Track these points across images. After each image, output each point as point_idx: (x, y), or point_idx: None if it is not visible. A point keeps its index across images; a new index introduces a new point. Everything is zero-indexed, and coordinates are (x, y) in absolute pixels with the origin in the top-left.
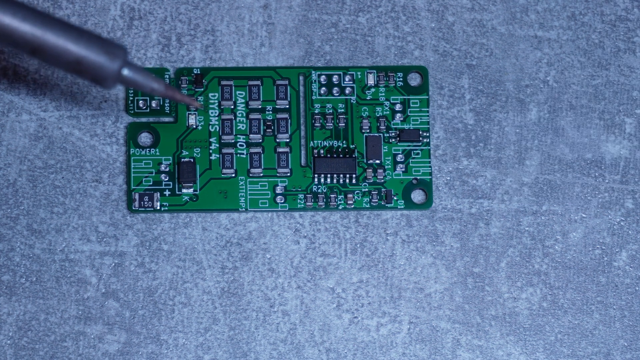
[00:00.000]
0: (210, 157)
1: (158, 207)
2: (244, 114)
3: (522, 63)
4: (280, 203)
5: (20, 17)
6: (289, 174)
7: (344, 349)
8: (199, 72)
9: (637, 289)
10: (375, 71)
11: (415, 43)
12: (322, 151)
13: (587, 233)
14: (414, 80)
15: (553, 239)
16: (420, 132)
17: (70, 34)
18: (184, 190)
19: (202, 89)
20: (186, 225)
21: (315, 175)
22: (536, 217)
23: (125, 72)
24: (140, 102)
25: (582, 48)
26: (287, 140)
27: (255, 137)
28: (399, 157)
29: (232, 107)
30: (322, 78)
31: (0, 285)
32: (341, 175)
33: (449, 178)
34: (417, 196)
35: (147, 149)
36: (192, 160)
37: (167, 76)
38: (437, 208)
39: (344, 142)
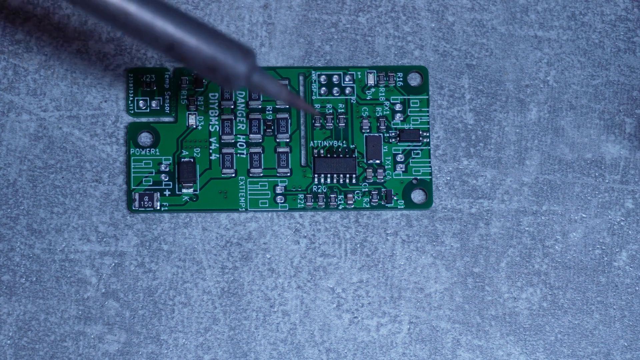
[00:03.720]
0: (210, 157)
1: (158, 207)
2: (244, 114)
3: (522, 63)
4: (280, 203)
5: (164, 12)
6: (289, 174)
7: (344, 349)
8: None
9: (637, 289)
10: (375, 71)
11: (415, 43)
12: (322, 151)
13: (587, 233)
14: (414, 80)
15: (553, 239)
16: (420, 132)
17: (208, 33)
18: (184, 190)
19: (202, 89)
20: (186, 225)
21: (315, 175)
22: (536, 217)
23: (255, 75)
24: (141, 102)
25: (582, 48)
26: (287, 140)
27: (255, 137)
28: (399, 157)
29: (232, 107)
30: (322, 78)
31: (0, 285)
32: (341, 175)
33: (449, 178)
34: (417, 196)
35: (147, 149)
36: (192, 160)
37: (167, 76)
38: (437, 208)
39: (344, 142)
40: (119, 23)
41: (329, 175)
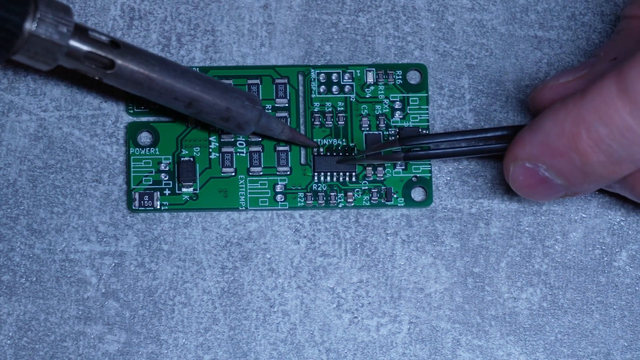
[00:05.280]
0: (210, 156)
1: (158, 207)
2: None
3: (522, 63)
4: (280, 202)
5: (181, 75)
6: (288, 173)
7: (344, 349)
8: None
9: (637, 289)
10: (374, 69)
11: (415, 43)
12: (321, 149)
13: (587, 233)
14: (414, 78)
15: (553, 239)
16: (420, 130)
17: (220, 88)
18: (184, 189)
19: None
20: (186, 225)
21: (315, 174)
22: (536, 217)
23: (263, 119)
24: (141, 101)
25: (582, 48)
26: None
27: (255, 136)
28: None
29: None
30: (322, 76)
31: (0, 285)
32: (341, 174)
33: (449, 178)
34: (417, 194)
35: (147, 148)
36: (191, 159)
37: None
38: (437, 208)
39: (344, 140)
40: (143, 87)
41: (328, 174)
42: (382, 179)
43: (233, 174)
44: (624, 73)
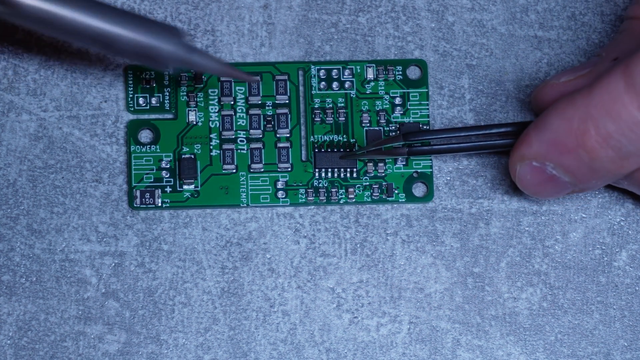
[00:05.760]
0: (211, 153)
1: (159, 204)
2: (244, 110)
3: (522, 63)
4: (282, 198)
5: (97, 12)
6: (289, 169)
7: (344, 349)
8: None
9: (637, 289)
10: (374, 65)
11: (415, 43)
12: (322, 146)
13: (587, 233)
14: (414, 73)
15: (553, 239)
16: (421, 126)
17: (136, 22)
18: (185, 187)
19: (202, 85)
20: (186, 225)
21: (316, 170)
22: (536, 217)
23: (188, 53)
24: (140, 99)
25: (582, 48)
26: (288, 135)
27: (256, 133)
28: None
29: (232, 102)
30: (322, 72)
31: (0, 285)
32: (342, 170)
33: (449, 178)
34: (418, 190)
35: (148, 146)
36: (192, 156)
37: (167, 73)
38: (437, 208)
39: (345, 136)
40: (51, 27)
41: (329, 170)
42: (383, 174)
43: (234, 170)
44: (631, 68)
